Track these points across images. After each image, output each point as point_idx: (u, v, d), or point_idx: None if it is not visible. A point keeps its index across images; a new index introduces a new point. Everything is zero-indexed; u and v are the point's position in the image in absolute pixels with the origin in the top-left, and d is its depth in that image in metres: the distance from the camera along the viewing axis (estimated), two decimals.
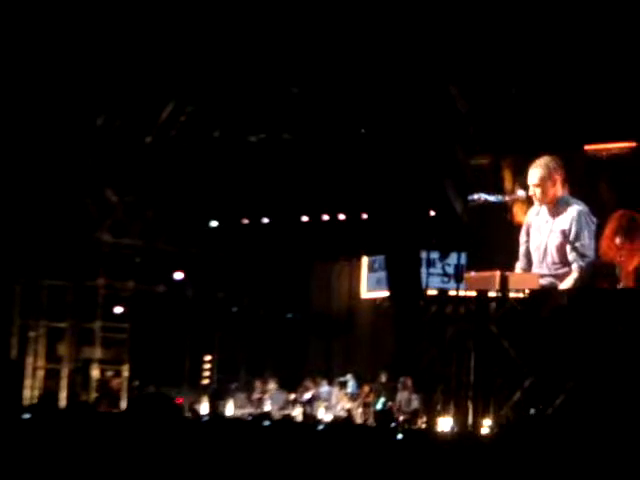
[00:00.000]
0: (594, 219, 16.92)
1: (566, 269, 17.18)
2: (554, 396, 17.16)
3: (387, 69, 18.08)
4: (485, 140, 18.07)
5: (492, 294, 18.28)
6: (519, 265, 17.63)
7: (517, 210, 17.76)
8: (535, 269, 17.48)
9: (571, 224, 17.09)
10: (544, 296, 17.96)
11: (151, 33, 18.53)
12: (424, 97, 18.30)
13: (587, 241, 16.94)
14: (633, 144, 16.79)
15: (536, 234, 17.53)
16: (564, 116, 17.08)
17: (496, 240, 17.98)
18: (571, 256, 17.09)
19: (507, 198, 17.68)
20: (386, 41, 17.68)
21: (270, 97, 19.91)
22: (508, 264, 17.56)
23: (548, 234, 17.37)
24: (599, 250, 16.83)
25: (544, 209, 17.46)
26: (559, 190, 17.30)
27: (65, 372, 21.43)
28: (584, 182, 17.25)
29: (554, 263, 17.32)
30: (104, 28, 18.28)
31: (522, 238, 17.68)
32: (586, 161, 17.18)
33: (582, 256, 16.97)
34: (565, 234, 17.16)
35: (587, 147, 17.12)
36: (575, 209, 17.09)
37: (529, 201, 17.59)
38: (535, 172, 17.39)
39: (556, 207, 17.33)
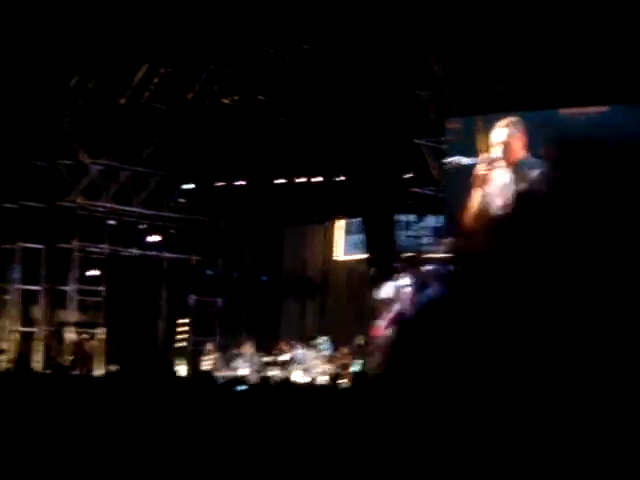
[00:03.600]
0: None
1: None
2: None
3: (363, 33, 17.98)
4: (461, 101, 17.98)
5: None
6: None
7: (489, 174, 17.54)
8: None
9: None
10: None
11: None
12: (399, 59, 18.23)
13: None
14: (604, 108, 16.68)
15: (497, 197, 17.26)
16: (538, 78, 17.01)
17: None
18: None
19: (482, 161, 17.53)
20: (361, 5, 17.57)
21: (244, 58, 19.79)
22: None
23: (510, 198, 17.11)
24: None
25: (506, 172, 17.19)
26: (521, 152, 17.05)
27: (40, 335, 21.39)
28: (550, 144, 16.94)
29: None
30: None
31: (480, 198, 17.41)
32: (558, 123, 17.01)
33: None
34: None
35: (563, 110, 17.00)
36: (538, 171, 16.80)
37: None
38: (501, 131, 17.19)
39: (518, 169, 17.09)
